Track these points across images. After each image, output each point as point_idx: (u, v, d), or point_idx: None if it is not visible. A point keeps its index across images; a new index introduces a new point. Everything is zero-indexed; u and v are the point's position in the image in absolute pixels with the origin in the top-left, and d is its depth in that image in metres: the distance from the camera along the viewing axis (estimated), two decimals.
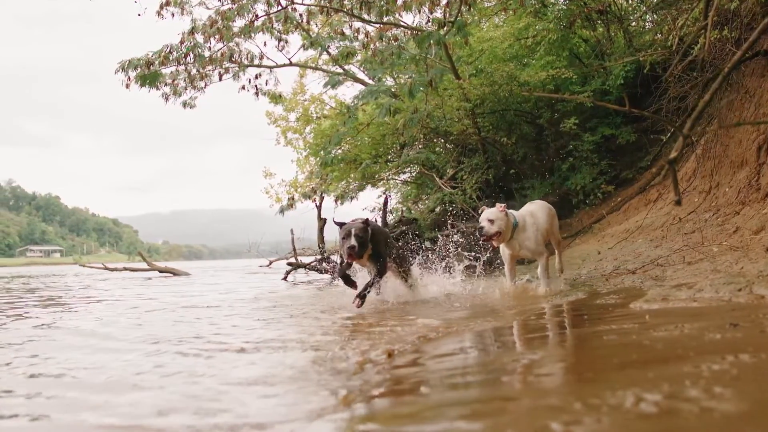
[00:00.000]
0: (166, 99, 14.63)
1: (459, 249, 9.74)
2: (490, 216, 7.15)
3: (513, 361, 3.33)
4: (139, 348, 4.31)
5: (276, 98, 16.23)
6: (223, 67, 14.43)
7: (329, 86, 14.76)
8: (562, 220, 11.95)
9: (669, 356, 2.91)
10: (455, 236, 10.97)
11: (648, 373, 2.58)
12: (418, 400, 2.72)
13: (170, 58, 13.90)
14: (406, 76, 13.54)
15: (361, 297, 6.31)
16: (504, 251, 7.58)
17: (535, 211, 7.73)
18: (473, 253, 8.56)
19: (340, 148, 15.22)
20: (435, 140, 14.24)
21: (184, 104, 14.90)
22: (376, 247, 6.75)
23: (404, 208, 15.54)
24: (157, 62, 13.81)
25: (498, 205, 7.32)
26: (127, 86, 13.90)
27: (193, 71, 14.33)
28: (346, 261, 6.54)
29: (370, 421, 2.42)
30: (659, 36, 11.99)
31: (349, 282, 6.81)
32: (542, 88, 11.76)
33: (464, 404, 2.58)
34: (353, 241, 6.33)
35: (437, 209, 13.32)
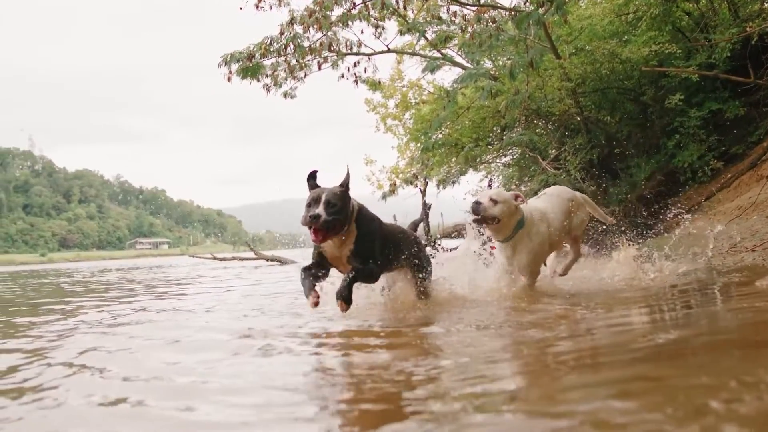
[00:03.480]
0: (267, 90, 15.37)
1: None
2: (496, 196, 5.87)
3: (647, 340, 3.41)
4: None
5: (374, 85, 16.77)
6: (322, 56, 15.05)
7: (427, 71, 15.25)
8: (670, 198, 12.02)
9: None
10: None
11: None
12: (559, 381, 2.83)
13: (270, 49, 14.63)
14: (505, 58, 13.87)
15: (344, 298, 4.83)
16: (498, 257, 6.34)
17: (546, 209, 6.33)
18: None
19: (440, 133, 15.65)
20: (536, 122, 14.47)
21: (285, 95, 15.63)
22: (364, 241, 5.08)
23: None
24: (257, 54, 14.58)
25: (518, 195, 5.96)
26: (229, 79, 14.76)
27: (293, 62, 15.00)
28: (313, 242, 4.88)
29: (513, 402, 2.51)
30: None
31: (309, 280, 5.15)
32: (645, 64, 11.84)
33: (609, 384, 2.62)
34: (321, 210, 4.65)
35: (540, 191, 13.57)
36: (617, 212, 11.33)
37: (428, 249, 6.57)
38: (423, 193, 20.12)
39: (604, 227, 7.94)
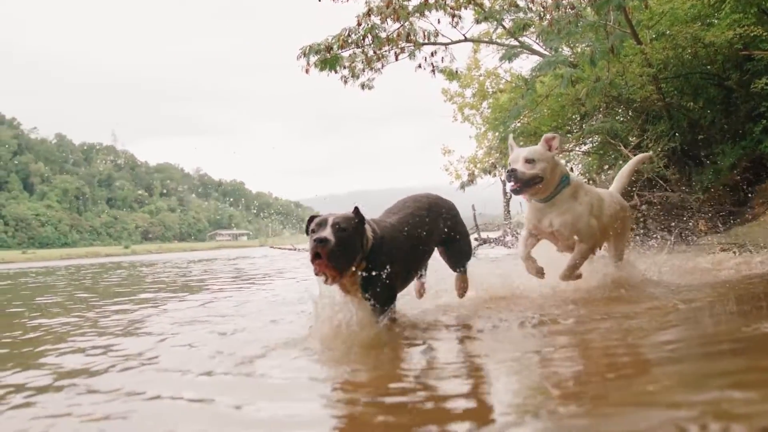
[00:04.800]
0: (345, 81, 15.69)
1: (646, 221, 10.02)
2: (530, 154, 5.30)
3: (752, 330, 3.40)
4: None
5: (452, 75, 16.93)
6: (399, 46, 15.28)
7: (505, 60, 15.33)
8: (757, 185, 11.84)
9: None
10: (642, 206, 11.28)
11: None
12: (671, 371, 2.89)
13: (348, 41, 14.94)
14: (584, 45, 13.84)
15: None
16: (528, 222, 5.74)
17: (603, 194, 5.93)
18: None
19: (519, 122, 15.72)
20: (617, 109, 14.41)
21: (362, 86, 15.93)
22: (380, 265, 4.33)
23: (587, 180, 15.81)
24: (335, 46, 14.91)
25: (547, 139, 5.46)
26: (307, 71, 15.12)
27: (370, 53, 15.28)
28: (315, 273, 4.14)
29: (626, 392, 2.57)
30: None
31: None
32: (729, 47, 11.69)
33: (724, 374, 2.64)
34: (328, 233, 4.04)
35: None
36: (701, 200, 11.26)
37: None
38: (504, 182, 20.21)
39: (686, 215, 7.84)
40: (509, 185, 5.43)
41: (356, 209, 4.28)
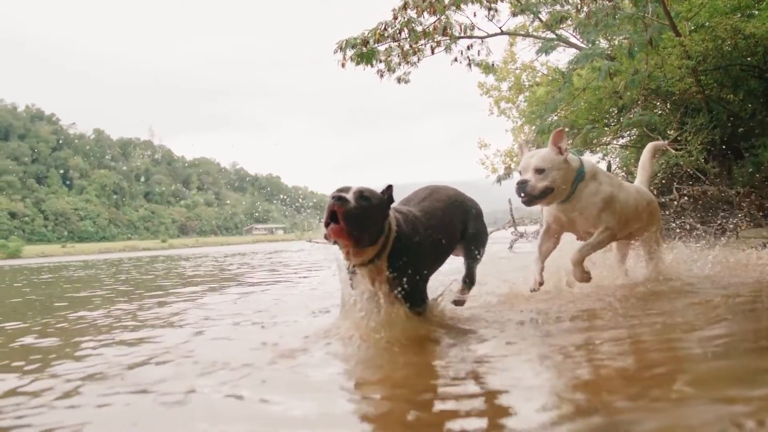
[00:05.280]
0: (381, 75, 15.76)
1: (683, 215, 9.98)
2: (540, 163, 4.97)
3: None
4: None
5: (488, 68, 16.95)
6: (435, 40, 15.32)
7: (542, 53, 15.33)
8: None
9: None
10: (681, 200, 11.22)
11: None
12: (721, 365, 2.90)
13: (384, 35, 15.01)
14: (622, 37, 13.77)
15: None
16: (547, 215, 5.49)
17: (624, 183, 5.68)
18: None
19: (555, 115, 15.70)
20: (655, 102, 14.32)
21: (398, 80, 16.01)
22: (409, 255, 4.04)
23: (624, 176, 15.74)
24: (371, 40, 14.99)
25: (555, 140, 5.08)
26: (343, 65, 15.21)
27: (406, 46, 15.33)
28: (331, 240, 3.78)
29: (678, 386, 2.60)
30: None
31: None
32: None
33: None
34: (349, 196, 3.70)
35: (660, 173, 13.46)
36: (742, 193, 11.18)
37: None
38: None
39: (727, 209, 7.75)
40: (520, 198, 5.07)
41: (389, 187, 4.02)
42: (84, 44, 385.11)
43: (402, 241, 4.04)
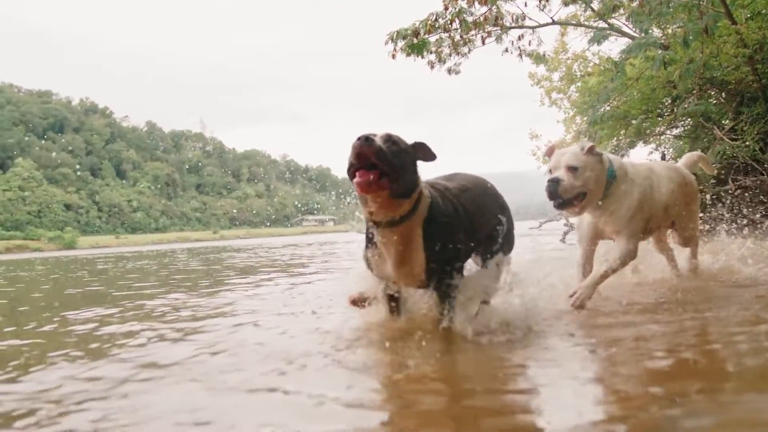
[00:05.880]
0: (432, 66, 15.81)
1: (737, 207, 9.86)
2: (573, 161, 4.61)
3: None
4: None
5: (539, 59, 16.88)
6: (486, 30, 15.33)
7: (594, 42, 15.22)
8: None
9: None
10: (737, 192, 11.10)
11: None
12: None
13: (435, 25, 15.07)
14: (676, 26, 13.63)
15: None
16: (582, 223, 5.12)
17: (655, 170, 5.11)
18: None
19: (608, 105, 15.59)
20: (710, 91, 14.15)
21: (449, 70, 16.04)
22: (446, 225, 3.69)
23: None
24: (422, 31, 15.05)
25: (582, 143, 4.73)
26: (393, 56, 15.29)
27: (457, 37, 15.36)
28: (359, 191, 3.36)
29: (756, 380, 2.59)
30: None
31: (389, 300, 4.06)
32: None
33: None
34: (378, 140, 3.30)
35: (716, 165, 13.31)
36: None
37: None
38: None
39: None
40: (551, 201, 4.70)
41: (416, 143, 3.66)
42: (135, 40, 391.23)
43: (438, 209, 3.67)
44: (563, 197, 4.58)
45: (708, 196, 10.98)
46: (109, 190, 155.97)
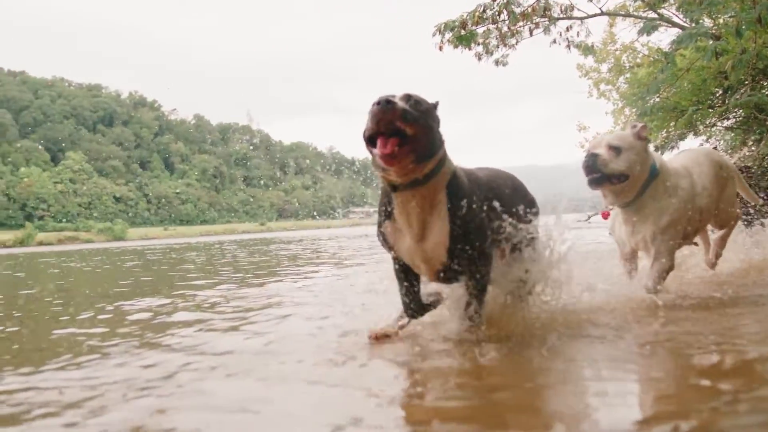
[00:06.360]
0: (479, 58, 15.81)
1: None
2: (616, 140, 4.30)
3: None
4: None
5: (587, 50, 16.77)
6: (534, 22, 15.29)
7: (643, 33, 15.08)
8: None
9: None
10: None
11: None
12: None
13: (483, 17, 15.07)
14: (728, 15, 13.49)
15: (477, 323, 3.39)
16: (618, 228, 4.75)
17: (689, 165, 4.72)
18: None
19: (658, 97, 15.47)
20: (762, 81, 13.98)
21: (496, 62, 16.02)
22: (467, 224, 3.21)
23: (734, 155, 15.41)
24: (470, 22, 15.06)
25: (638, 128, 4.39)
26: (440, 48, 15.32)
27: (504, 29, 15.35)
28: (381, 165, 3.11)
29: None
30: None
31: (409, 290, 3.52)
32: None
33: None
34: (402, 107, 2.94)
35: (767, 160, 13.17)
36: None
37: None
38: None
39: None
40: (586, 178, 4.35)
41: (436, 103, 3.31)
42: (182, 33, 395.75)
43: (462, 177, 3.31)
44: (602, 171, 4.24)
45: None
46: (158, 183, 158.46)
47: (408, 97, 3.02)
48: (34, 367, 3.46)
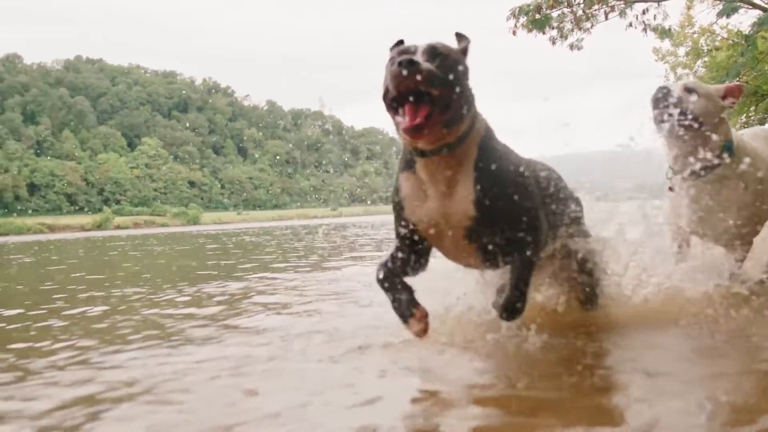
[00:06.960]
0: (553, 42, 15.83)
1: None
2: (692, 84, 3.81)
3: None
4: None
5: (664, 33, 16.57)
6: (609, 5, 15.22)
7: (722, 15, 14.89)
8: None
9: None
10: None
11: None
12: None
13: (558, 0, 15.05)
14: None
15: (512, 313, 2.77)
16: (676, 211, 4.03)
17: (758, 149, 3.98)
18: None
19: (737, 80, 15.24)
20: None
21: (571, 46, 16.00)
22: (500, 192, 2.66)
23: None
24: (545, 6, 15.07)
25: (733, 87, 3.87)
26: (514, 33, 15.41)
27: (579, 12, 15.32)
28: (404, 121, 2.45)
29: None
30: None
31: (397, 287, 2.87)
32: None
33: None
34: (419, 58, 2.44)
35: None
36: None
37: None
38: None
39: None
40: (654, 109, 3.73)
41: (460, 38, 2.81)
42: (255, 19, 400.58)
43: (494, 138, 2.83)
44: (683, 112, 3.60)
45: None
46: (231, 168, 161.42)
47: (433, 52, 2.51)
48: (121, 345, 3.50)
